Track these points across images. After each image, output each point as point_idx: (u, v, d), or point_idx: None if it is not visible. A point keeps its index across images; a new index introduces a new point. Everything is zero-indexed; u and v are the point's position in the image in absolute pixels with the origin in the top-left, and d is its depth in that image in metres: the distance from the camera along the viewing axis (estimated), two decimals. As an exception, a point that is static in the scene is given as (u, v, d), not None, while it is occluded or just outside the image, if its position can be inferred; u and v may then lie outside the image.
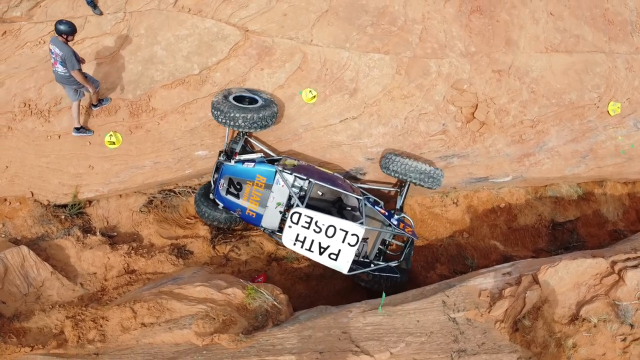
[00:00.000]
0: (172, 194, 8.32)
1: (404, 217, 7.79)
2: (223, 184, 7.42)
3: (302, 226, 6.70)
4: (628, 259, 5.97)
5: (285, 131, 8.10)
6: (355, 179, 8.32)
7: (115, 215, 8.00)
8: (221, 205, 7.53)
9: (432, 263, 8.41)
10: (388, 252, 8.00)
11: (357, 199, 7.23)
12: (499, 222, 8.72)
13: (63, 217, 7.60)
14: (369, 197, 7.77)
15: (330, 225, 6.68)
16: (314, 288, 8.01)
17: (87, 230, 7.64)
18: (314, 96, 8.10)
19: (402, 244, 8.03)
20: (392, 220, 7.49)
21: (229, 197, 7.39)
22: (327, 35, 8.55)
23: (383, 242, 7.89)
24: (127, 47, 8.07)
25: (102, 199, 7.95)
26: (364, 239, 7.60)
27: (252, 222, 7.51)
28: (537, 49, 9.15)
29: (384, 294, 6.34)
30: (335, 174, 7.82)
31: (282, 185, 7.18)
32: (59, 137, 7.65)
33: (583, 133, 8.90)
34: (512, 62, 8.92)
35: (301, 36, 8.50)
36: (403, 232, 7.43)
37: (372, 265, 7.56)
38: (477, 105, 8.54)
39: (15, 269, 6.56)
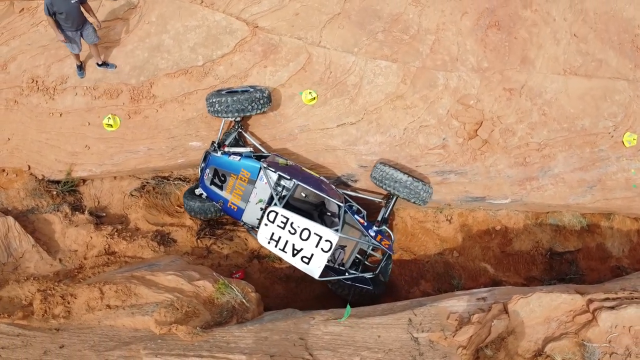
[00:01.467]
0: (165, 181, 8.42)
1: (384, 229, 7.61)
2: (208, 174, 7.47)
3: (278, 225, 6.66)
4: (607, 298, 5.65)
5: (280, 130, 8.07)
6: (345, 185, 8.21)
7: (107, 196, 8.18)
8: (204, 194, 7.56)
9: (416, 279, 8.21)
10: (367, 263, 7.84)
11: (338, 205, 7.12)
12: (492, 244, 8.44)
13: (55, 192, 7.82)
14: (352, 205, 7.64)
15: (305, 229, 6.61)
16: (293, 290, 7.95)
17: (77, 208, 7.84)
18: (314, 98, 8.04)
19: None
20: (369, 231, 7.33)
21: (213, 187, 7.43)
22: (336, 38, 8.47)
23: (363, 253, 7.76)
24: (137, 33, 8.22)
25: (97, 179, 8.15)
26: (342, 247, 7.49)
27: (233, 215, 7.52)
28: (555, 70, 8.78)
29: (349, 305, 6.20)
30: (322, 177, 7.73)
31: (265, 183, 7.14)
32: (61, 115, 7.87)
33: (593, 162, 8.49)
34: (526, 82, 8.60)
35: (310, 37, 8.45)
36: (379, 244, 7.27)
37: (346, 273, 7.43)
38: (482, 122, 8.28)
39: (-2, 237, 6.79)
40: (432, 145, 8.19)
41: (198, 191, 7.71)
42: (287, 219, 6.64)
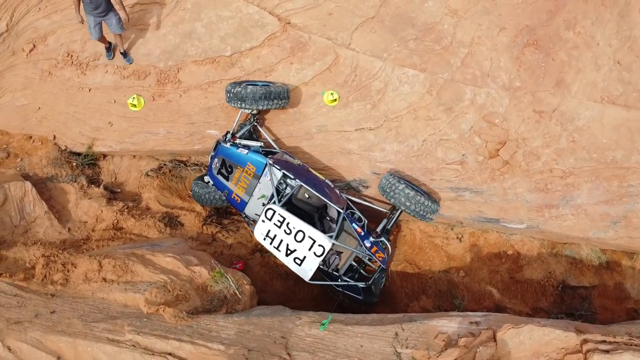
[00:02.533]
0: (182, 165, 8.59)
1: (381, 241, 7.48)
2: (216, 163, 7.56)
3: (274, 224, 6.67)
4: (603, 341, 5.35)
5: (298, 128, 8.08)
6: (355, 190, 8.13)
7: (125, 173, 8.41)
8: (211, 182, 7.66)
9: (418, 293, 8.03)
10: (362, 272, 7.74)
11: (338, 211, 7.06)
12: (501, 268, 8.16)
13: (75, 164, 8.11)
14: (354, 213, 7.54)
15: (300, 230, 6.60)
16: (291, 288, 7.94)
17: (93, 181, 8.11)
18: (335, 99, 8.00)
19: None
20: (365, 241, 7.21)
21: (220, 177, 7.51)
22: (367, 41, 8.40)
23: (360, 261, 7.66)
24: (171, 19, 8.40)
25: (117, 155, 8.40)
26: (338, 253, 7.42)
27: (236, 206, 7.58)
28: (592, 97, 8.40)
29: (330, 315, 6.15)
30: (327, 181, 7.68)
31: (269, 179, 7.16)
32: (90, 90, 8.15)
33: (620, 197, 8.07)
34: (558, 106, 8.27)
35: (340, 38, 8.41)
36: (372, 255, 7.15)
37: (339, 280, 7.36)
38: (505, 142, 8.03)
39: (14, 200, 7.10)
40: (449, 160, 8.00)
41: (207, 179, 7.82)
42: (284, 218, 6.65)
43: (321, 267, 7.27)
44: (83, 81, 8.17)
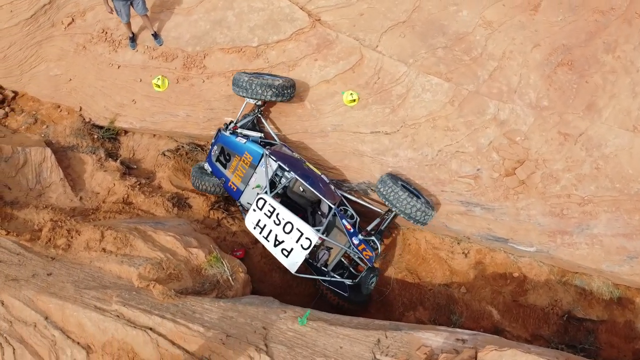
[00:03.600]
0: (199, 149, 8.75)
1: (372, 240, 7.36)
2: (215, 150, 7.68)
3: (265, 214, 6.72)
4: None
5: (314, 124, 8.08)
6: (362, 193, 8.07)
7: (143, 151, 8.64)
8: (209, 169, 7.75)
9: (415, 304, 7.89)
10: (352, 270, 7.66)
11: (330, 206, 7.01)
12: (505, 290, 7.90)
13: (96, 136, 8.40)
14: (347, 210, 7.47)
15: (289, 222, 6.61)
16: (289, 282, 7.95)
17: (111, 155, 8.38)
18: (354, 100, 7.96)
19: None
20: (353, 238, 7.12)
21: (218, 164, 7.64)
22: (395, 45, 8.32)
23: (352, 261, 7.59)
24: (204, 5, 8.56)
25: (137, 132, 8.64)
26: (328, 248, 7.38)
27: (232, 194, 7.67)
28: (623, 124, 8.03)
29: (309, 310, 6.16)
30: (323, 176, 7.66)
31: (265, 169, 7.19)
32: (118, 67, 8.41)
33: (640, 232, 7.70)
34: (586, 130, 7.94)
35: (368, 39, 8.37)
36: (359, 252, 7.05)
37: (326, 276, 7.31)
38: (524, 162, 7.78)
39: (33, 164, 7.42)
40: (463, 173, 7.82)
41: (206, 166, 7.94)
42: (274, 209, 6.68)
43: (310, 261, 7.27)
44: (113, 58, 8.44)
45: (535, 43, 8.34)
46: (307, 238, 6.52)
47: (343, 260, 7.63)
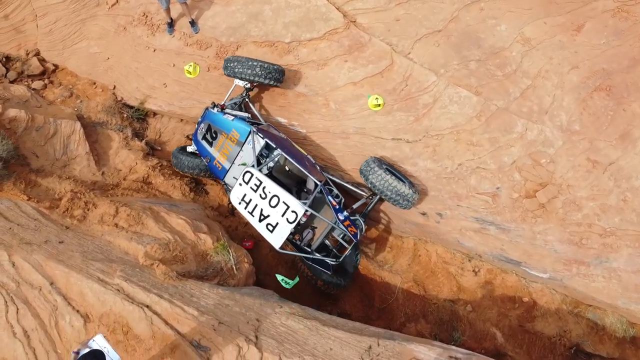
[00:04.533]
0: (222, 137, 8.89)
1: (357, 220, 7.28)
2: (202, 128, 7.74)
3: (251, 188, 6.73)
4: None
5: (336, 124, 8.08)
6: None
7: (169, 134, 8.85)
8: (194, 148, 7.86)
9: (418, 316, 7.78)
10: (337, 253, 7.52)
11: (316, 183, 6.96)
12: (512, 314, 7.69)
13: (125, 115, 8.67)
14: (332, 189, 7.40)
15: (275, 195, 6.61)
16: (293, 278, 7.96)
17: (138, 135, 8.62)
18: (379, 105, 7.92)
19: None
20: (339, 214, 7.00)
21: (204, 142, 7.68)
22: (427, 54, 8.23)
23: (335, 243, 7.56)
24: (243, -2, 8.71)
25: (165, 116, 8.85)
26: (312, 228, 7.35)
27: (216, 173, 7.68)
28: (658, 158, 7.71)
29: (298, 277, 6.46)
30: (308, 156, 7.64)
31: (252, 147, 7.20)
32: (154, 51, 8.65)
33: (663, 272, 7.35)
34: (617, 160, 7.64)
35: (400, 45, 8.32)
36: (344, 229, 6.95)
37: (310, 254, 7.27)
38: (546, 185, 7.56)
39: (62, 136, 7.72)
40: (482, 190, 7.66)
41: (190, 148, 8.02)
42: (261, 182, 6.69)
43: (294, 241, 7.26)
44: (150, 41, 8.68)
45: (573, 65, 8.09)
46: (293, 211, 6.49)
47: (327, 243, 7.58)
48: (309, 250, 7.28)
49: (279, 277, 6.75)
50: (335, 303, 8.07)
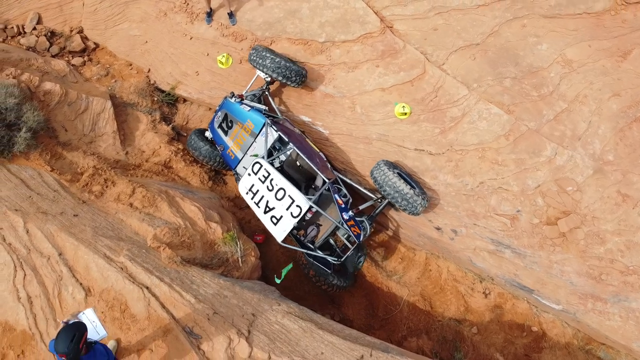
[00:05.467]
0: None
1: (363, 221, 7.17)
2: (219, 116, 7.84)
3: (259, 179, 6.75)
4: None
5: (360, 129, 8.00)
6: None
7: (197, 121, 8.97)
8: (210, 135, 7.96)
9: (420, 331, 7.61)
10: (340, 253, 7.43)
11: (324, 180, 6.91)
12: (519, 342, 7.42)
13: (156, 99, 8.84)
14: (340, 188, 7.31)
15: (282, 188, 6.60)
16: (300, 278, 7.92)
17: (166, 119, 8.77)
18: (406, 113, 7.80)
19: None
20: (344, 213, 6.89)
21: (219, 130, 7.78)
22: (462, 66, 8.05)
23: (341, 244, 7.48)
24: (282, -6, 8.73)
25: (195, 103, 8.97)
26: (317, 225, 7.29)
27: (229, 162, 7.77)
28: (695, 199, 7.30)
29: (290, 264, 6.53)
30: (320, 153, 7.59)
31: (265, 138, 7.21)
32: (191, 38, 8.78)
33: (686, 318, 6.95)
34: (649, 196, 7.29)
35: (435, 55, 8.16)
36: (348, 228, 6.84)
37: (313, 251, 7.20)
38: (569, 214, 7.26)
39: (92, 113, 7.95)
40: (501, 212, 7.43)
41: (208, 134, 8.12)
42: (269, 174, 6.71)
43: (298, 236, 7.25)
44: (188, 29, 8.82)
45: (614, 92, 7.77)
46: (297, 205, 6.48)
47: (332, 242, 7.53)
48: (312, 247, 7.24)
49: (281, 276, 6.74)
50: (338, 307, 8.01)
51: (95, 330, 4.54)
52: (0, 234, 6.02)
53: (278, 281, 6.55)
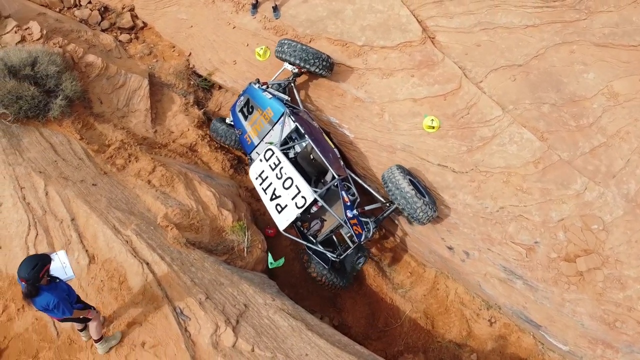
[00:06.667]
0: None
1: (368, 222, 7.03)
2: (241, 101, 7.98)
3: (270, 166, 6.82)
4: None
5: (386, 137, 7.89)
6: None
7: (229, 109, 9.10)
8: (230, 119, 8.11)
9: (417, 349, 7.43)
10: (341, 251, 7.28)
11: (333, 175, 6.88)
12: (518, 378, 7.16)
13: (192, 82, 9.04)
14: (350, 187, 7.20)
15: (290, 178, 6.64)
16: (305, 277, 7.92)
17: (199, 103, 8.95)
18: (434, 127, 7.64)
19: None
20: (348, 211, 6.78)
21: (240, 115, 7.92)
22: (500, 86, 7.81)
23: (344, 242, 7.40)
24: (329, -6, 8.73)
25: (229, 91, 9.11)
26: (321, 220, 7.24)
27: (245, 147, 7.89)
28: None
29: (283, 258, 6.62)
30: (335, 150, 7.54)
31: (281, 127, 7.25)
32: (234, 28, 8.93)
33: (702, 382, 6.49)
34: (682, 247, 6.85)
35: (474, 72, 7.96)
36: (348, 225, 6.70)
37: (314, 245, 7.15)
38: (591, 253, 6.92)
39: (129, 89, 8.23)
40: (518, 240, 7.16)
41: (229, 120, 8.28)
42: (279, 162, 6.76)
43: (301, 228, 7.24)
44: (232, 18, 8.97)
45: (660, 133, 7.33)
46: (302, 197, 6.48)
47: (335, 239, 7.50)
48: (314, 241, 7.22)
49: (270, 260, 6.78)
50: (339, 312, 7.97)
51: (64, 271, 4.73)
52: (22, 192, 6.33)
53: (270, 266, 6.59)
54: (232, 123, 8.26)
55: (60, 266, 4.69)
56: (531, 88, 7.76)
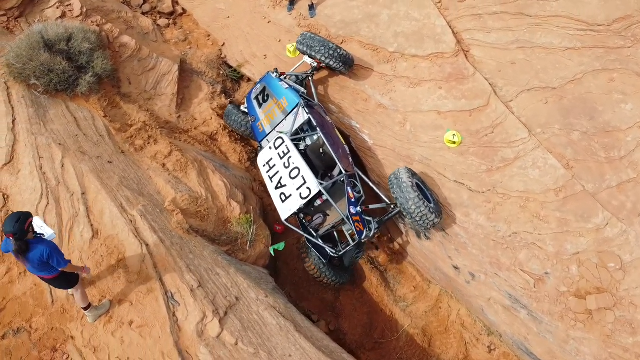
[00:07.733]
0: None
1: (371, 221, 6.89)
2: (258, 88, 8.00)
3: (278, 154, 6.82)
4: None
5: (405, 147, 7.75)
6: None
7: (255, 102, 9.18)
8: (245, 106, 8.14)
9: (411, 366, 7.30)
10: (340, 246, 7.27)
11: (341, 170, 6.82)
12: (512, 411, 6.89)
13: (221, 72, 9.14)
14: (356, 184, 7.10)
15: (297, 167, 6.63)
16: (308, 277, 7.87)
17: (226, 93, 9.04)
18: (455, 142, 7.45)
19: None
20: (351, 207, 6.65)
21: (255, 102, 7.93)
22: (530, 108, 7.54)
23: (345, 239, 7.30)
24: (368, -4, 8.65)
25: (258, 84, 9.19)
26: (325, 214, 7.17)
27: (256, 134, 7.91)
28: None
29: (283, 243, 6.63)
30: (346, 146, 7.45)
31: (294, 117, 7.22)
32: (269, 22, 8.98)
33: None
34: None
35: (505, 91, 7.71)
36: (351, 224, 6.56)
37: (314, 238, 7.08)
38: (603, 292, 6.58)
39: (158, 73, 8.41)
40: (527, 269, 6.88)
41: (243, 107, 8.29)
42: (288, 151, 6.76)
43: (304, 221, 7.20)
44: (269, 13, 9.02)
45: (695, 176, 6.90)
46: (307, 187, 6.47)
47: (336, 236, 7.42)
48: (314, 234, 7.16)
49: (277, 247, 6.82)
50: (337, 317, 7.88)
51: (44, 231, 4.91)
52: (40, 162, 6.55)
53: (272, 250, 6.65)
54: (246, 110, 8.31)
55: (39, 229, 4.87)
56: (563, 113, 7.44)
